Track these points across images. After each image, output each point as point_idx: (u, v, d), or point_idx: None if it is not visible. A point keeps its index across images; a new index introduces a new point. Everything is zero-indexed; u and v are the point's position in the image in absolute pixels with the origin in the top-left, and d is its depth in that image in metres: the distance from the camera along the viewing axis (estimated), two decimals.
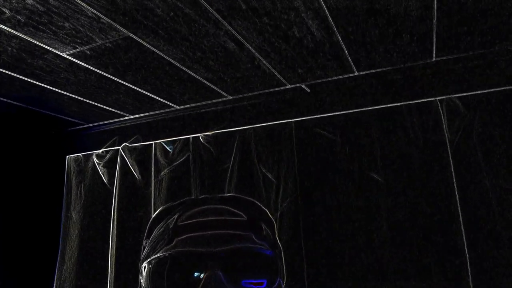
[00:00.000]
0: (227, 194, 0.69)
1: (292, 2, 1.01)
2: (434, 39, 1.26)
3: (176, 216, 0.59)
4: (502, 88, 1.33)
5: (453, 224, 1.35)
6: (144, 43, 1.18)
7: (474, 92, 1.37)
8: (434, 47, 1.32)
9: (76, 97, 1.61)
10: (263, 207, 0.67)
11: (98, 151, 1.95)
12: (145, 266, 0.56)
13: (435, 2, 1.05)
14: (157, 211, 0.66)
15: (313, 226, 1.54)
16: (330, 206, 1.53)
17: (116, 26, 1.07)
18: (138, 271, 0.61)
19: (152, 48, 1.22)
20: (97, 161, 1.93)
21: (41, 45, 1.15)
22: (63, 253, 1.96)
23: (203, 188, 1.71)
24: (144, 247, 0.62)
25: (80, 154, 2.01)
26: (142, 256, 0.61)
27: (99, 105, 1.72)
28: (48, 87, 1.48)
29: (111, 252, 1.82)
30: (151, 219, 0.66)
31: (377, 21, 1.14)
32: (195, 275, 0.52)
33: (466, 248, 1.31)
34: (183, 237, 0.55)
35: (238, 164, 1.67)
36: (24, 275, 2.02)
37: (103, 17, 1.02)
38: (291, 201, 1.58)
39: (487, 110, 1.36)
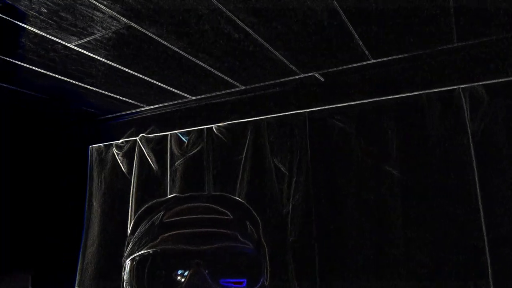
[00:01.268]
0: (214, 193, 0.69)
1: None
2: (454, 22, 1.17)
3: (162, 213, 0.59)
4: None
5: (474, 221, 1.26)
6: (147, 32, 1.17)
7: (499, 80, 1.27)
8: (455, 31, 1.23)
9: (94, 88, 1.64)
10: (249, 207, 0.67)
11: (117, 141, 1.99)
12: (128, 263, 0.56)
13: None
14: (143, 208, 0.66)
15: (326, 219, 1.49)
16: (343, 199, 1.47)
17: (116, 15, 1.07)
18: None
19: (157, 38, 1.21)
20: (116, 151, 1.98)
21: (48, 36, 1.17)
22: (86, 239, 2.03)
23: (216, 179, 1.70)
24: (128, 243, 0.62)
25: (101, 144, 2.06)
26: (126, 253, 0.61)
27: (117, 96, 1.75)
28: (63, 78, 1.51)
29: None
30: (136, 215, 0.66)
31: (389, 5, 1.07)
32: (179, 273, 0.51)
33: (487, 246, 1.22)
34: (169, 234, 0.55)
35: (250, 155, 1.65)
36: (51, 259, 2.11)
37: (102, 7, 1.02)
38: (304, 194, 1.54)
39: None
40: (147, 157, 1.88)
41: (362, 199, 1.44)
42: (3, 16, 1.06)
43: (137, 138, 1.91)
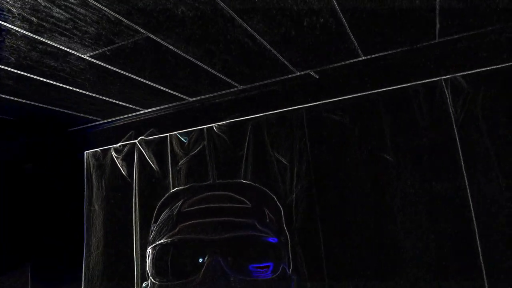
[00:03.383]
0: (233, 180, 0.72)
1: None
2: (437, 21, 1.31)
3: (180, 203, 0.61)
4: (504, 65, 1.38)
5: (462, 205, 1.40)
6: (162, 42, 1.23)
7: (477, 70, 1.43)
8: (437, 28, 1.37)
9: (93, 94, 1.67)
10: (270, 194, 0.68)
11: (115, 145, 2.02)
12: (150, 251, 0.58)
13: None
14: (165, 196, 0.68)
15: (328, 205, 1.62)
16: (343, 185, 1.60)
17: (136, 27, 1.12)
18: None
19: (169, 46, 1.28)
20: (116, 155, 2.01)
21: (65, 48, 1.21)
22: (89, 244, 2.05)
23: (220, 175, 1.79)
24: (152, 232, 0.64)
25: (98, 149, 2.09)
26: (149, 240, 0.63)
27: (114, 101, 1.78)
28: (68, 87, 1.54)
29: (135, 240, 1.91)
30: (159, 203, 0.67)
31: (381, 5, 1.19)
32: (197, 262, 0.53)
33: (476, 230, 1.37)
34: (186, 223, 0.56)
35: (252, 150, 1.74)
36: (54, 267, 2.12)
37: (124, 20, 1.08)
38: (306, 183, 1.65)
39: (490, 87, 1.42)
40: (148, 159, 1.93)
41: (360, 184, 1.58)
42: (17, 29, 1.09)
43: (136, 141, 1.95)
